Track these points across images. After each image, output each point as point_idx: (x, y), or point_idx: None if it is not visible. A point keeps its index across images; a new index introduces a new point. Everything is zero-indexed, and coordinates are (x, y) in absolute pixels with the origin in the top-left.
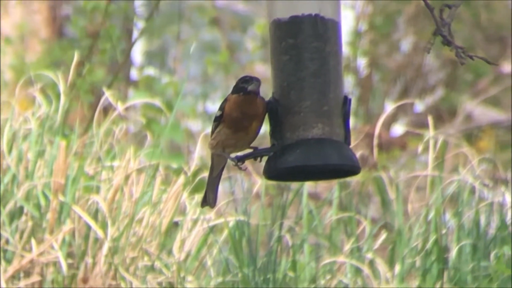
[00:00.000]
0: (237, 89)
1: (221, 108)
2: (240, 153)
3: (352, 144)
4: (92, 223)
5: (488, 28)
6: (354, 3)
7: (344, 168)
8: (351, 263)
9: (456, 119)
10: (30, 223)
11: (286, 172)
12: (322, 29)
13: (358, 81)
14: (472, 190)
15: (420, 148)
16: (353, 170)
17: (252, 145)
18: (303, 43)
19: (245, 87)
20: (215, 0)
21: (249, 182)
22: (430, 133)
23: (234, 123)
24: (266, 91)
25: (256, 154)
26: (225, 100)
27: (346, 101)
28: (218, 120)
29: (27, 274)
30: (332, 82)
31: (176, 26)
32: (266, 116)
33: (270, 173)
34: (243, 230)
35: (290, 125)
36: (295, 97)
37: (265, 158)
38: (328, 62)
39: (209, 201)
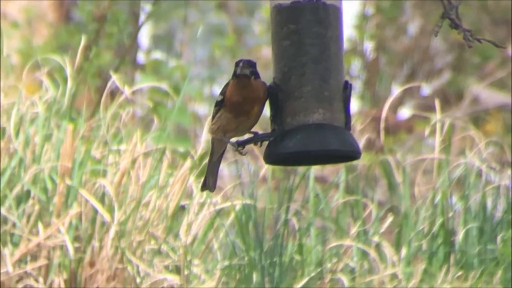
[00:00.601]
0: (232, 74)
1: (222, 92)
2: (240, 138)
3: (359, 128)
4: (99, 206)
5: (495, 12)
6: None
7: (344, 153)
8: (357, 247)
9: (463, 102)
10: (37, 207)
11: (286, 157)
12: (324, 15)
13: (365, 64)
14: (479, 173)
15: (427, 131)
16: (352, 155)
17: (253, 130)
18: (304, 28)
19: (235, 70)
20: None
21: (255, 165)
22: (437, 116)
23: (235, 107)
24: (270, 76)
25: (256, 139)
26: (227, 85)
27: (347, 86)
28: (219, 104)
29: (34, 257)
30: (333, 67)
31: (183, 10)
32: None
33: (270, 158)
34: (250, 213)
35: (290, 110)
36: (296, 82)
37: (265, 143)
38: (329, 47)
39: (208, 184)
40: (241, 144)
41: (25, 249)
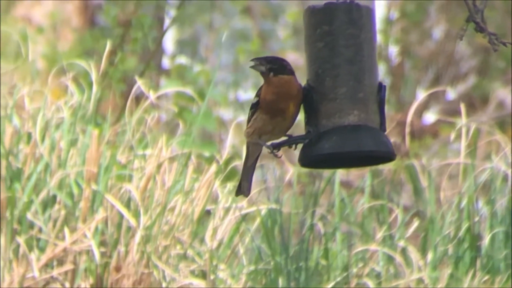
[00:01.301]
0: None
1: (257, 94)
2: (275, 141)
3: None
4: (124, 211)
5: None
6: None
7: (380, 154)
8: (383, 251)
9: (488, 106)
10: (63, 212)
11: (322, 159)
12: (357, 16)
13: (390, 69)
14: (505, 178)
15: (453, 136)
16: (388, 156)
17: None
18: (338, 30)
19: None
20: None
21: (281, 170)
22: (462, 120)
23: (270, 107)
24: (300, 79)
25: (291, 142)
26: (261, 87)
27: (381, 87)
28: (255, 107)
29: (60, 262)
30: (367, 68)
31: (208, 15)
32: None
33: (306, 160)
34: (275, 218)
35: (325, 112)
36: (330, 84)
37: (299, 146)
38: (363, 48)
39: (243, 190)
40: (277, 147)
41: (51, 254)
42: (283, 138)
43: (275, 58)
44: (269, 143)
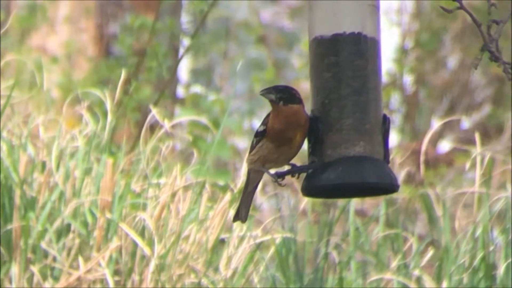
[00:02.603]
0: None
1: (264, 123)
2: (279, 170)
3: (399, 161)
4: (139, 240)
5: None
6: (400, 20)
7: (383, 186)
8: (398, 280)
9: (503, 135)
10: (77, 241)
11: (326, 189)
12: (364, 48)
13: (405, 98)
14: None
15: (467, 165)
16: (391, 188)
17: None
18: (346, 61)
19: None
20: (261, 16)
21: (295, 199)
22: (477, 149)
23: (278, 135)
24: (307, 109)
25: (295, 171)
26: (268, 115)
27: (386, 119)
28: (261, 135)
29: None
30: (372, 100)
31: (223, 44)
32: None
33: (310, 190)
34: (290, 247)
35: (331, 142)
36: (336, 115)
37: (302, 175)
38: (369, 80)
39: (241, 216)
40: (281, 176)
41: (65, 283)
42: (287, 167)
43: (285, 87)
44: (272, 171)
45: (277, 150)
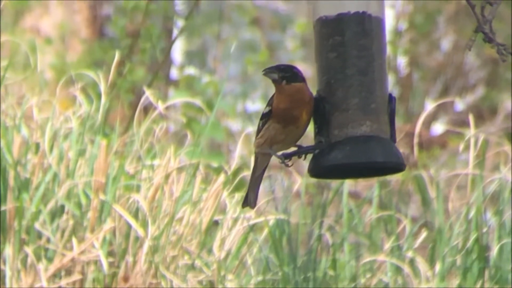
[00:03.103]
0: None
1: (269, 103)
2: (286, 151)
3: None
4: (132, 222)
5: None
6: (395, 2)
7: (391, 165)
8: (391, 262)
9: (497, 117)
10: (71, 222)
11: (334, 169)
12: (369, 27)
13: (398, 80)
14: None
15: (461, 147)
16: (398, 167)
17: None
18: (351, 40)
19: (274, 75)
20: None
21: (289, 180)
22: (470, 131)
23: (284, 114)
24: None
25: (302, 152)
26: (273, 96)
27: (391, 98)
28: (266, 116)
29: (68, 272)
30: (378, 79)
31: (216, 26)
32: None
33: (317, 171)
34: (283, 228)
35: (338, 122)
36: (342, 95)
37: (309, 156)
38: (375, 59)
39: (250, 201)
40: (288, 157)
41: (59, 264)
42: (293, 149)
43: (287, 66)
44: (279, 153)
45: (284, 130)
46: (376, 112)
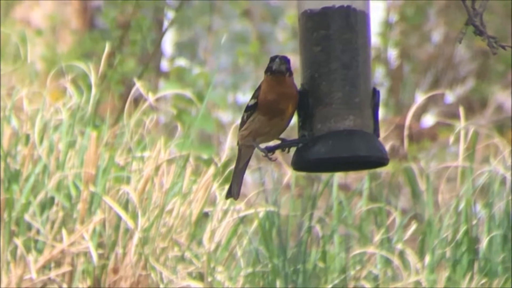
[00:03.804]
0: (267, 69)
1: (255, 96)
2: (269, 144)
3: (383, 135)
4: (122, 213)
5: None
6: None
7: (373, 159)
8: (381, 254)
9: (487, 109)
10: (61, 214)
11: (317, 163)
12: (354, 21)
13: (389, 72)
14: (503, 181)
15: (451, 139)
16: (381, 161)
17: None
18: (335, 34)
19: (271, 66)
20: None
21: (279, 172)
22: (461, 123)
23: (270, 106)
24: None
25: (285, 145)
26: (258, 88)
27: (375, 93)
28: (252, 108)
29: (58, 264)
30: (362, 74)
31: (207, 17)
32: None
33: (300, 164)
34: (273, 220)
35: (321, 116)
36: (326, 89)
37: (292, 150)
38: (359, 54)
39: (233, 192)
40: (271, 150)
41: (49, 256)
42: (277, 142)
43: (287, 58)
44: (263, 146)
45: (269, 122)
46: (359, 107)
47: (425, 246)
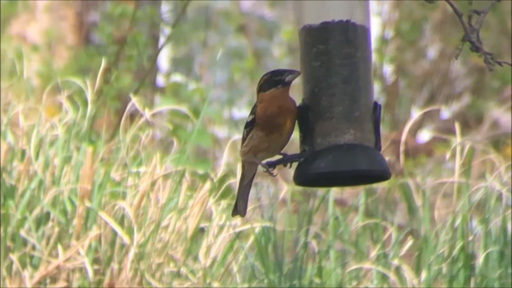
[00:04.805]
0: (271, 83)
1: (253, 112)
2: (270, 160)
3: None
4: (118, 229)
5: None
6: (381, 9)
7: (375, 173)
8: (377, 270)
9: (482, 125)
10: (56, 229)
11: (318, 177)
12: (353, 35)
13: (385, 87)
14: (499, 197)
15: (447, 155)
16: (383, 175)
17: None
18: (334, 49)
19: (282, 79)
20: (241, 0)
21: (275, 188)
22: (457, 139)
23: (268, 122)
24: (295, 97)
25: (286, 160)
26: (255, 106)
27: (376, 107)
28: (250, 125)
29: (54, 280)
30: (362, 88)
31: (203, 33)
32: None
33: (301, 179)
34: (269, 236)
35: (321, 131)
36: (326, 103)
37: (294, 165)
38: (359, 68)
39: (239, 209)
40: (272, 165)
41: (44, 271)
42: (278, 157)
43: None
44: (264, 161)
45: (267, 138)
46: (359, 121)
47: (421, 262)
